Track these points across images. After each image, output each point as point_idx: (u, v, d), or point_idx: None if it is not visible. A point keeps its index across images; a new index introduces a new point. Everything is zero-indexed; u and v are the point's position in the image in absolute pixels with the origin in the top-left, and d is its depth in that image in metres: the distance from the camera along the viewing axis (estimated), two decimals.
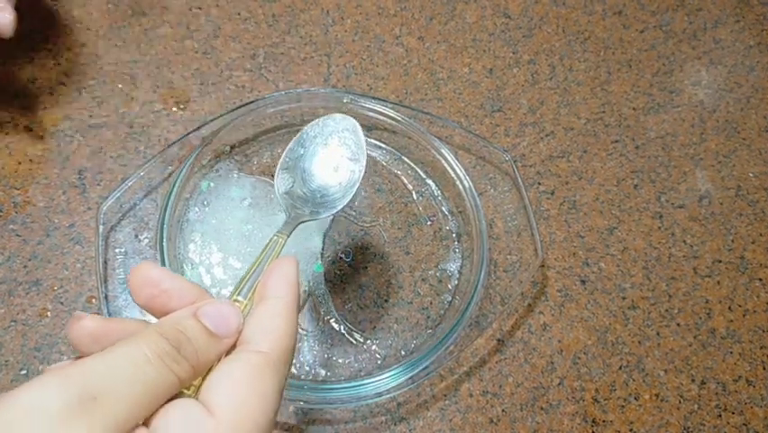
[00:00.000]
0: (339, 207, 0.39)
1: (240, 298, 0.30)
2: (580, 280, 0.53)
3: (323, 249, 0.50)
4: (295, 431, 0.45)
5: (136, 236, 0.49)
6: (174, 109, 0.55)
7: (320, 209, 0.39)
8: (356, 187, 0.39)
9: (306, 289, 0.49)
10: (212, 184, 0.52)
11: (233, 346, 0.27)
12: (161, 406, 0.23)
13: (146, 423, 0.23)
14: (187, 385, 0.25)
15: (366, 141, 0.56)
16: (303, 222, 0.38)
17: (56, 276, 0.47)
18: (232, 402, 0.24)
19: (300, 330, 0.48)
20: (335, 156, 0.40)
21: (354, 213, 0.53)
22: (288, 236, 0.35)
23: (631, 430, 0.47)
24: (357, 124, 0.40)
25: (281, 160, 0.40)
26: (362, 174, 0.39)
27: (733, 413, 0.49)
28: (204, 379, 0.26)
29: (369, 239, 0.52)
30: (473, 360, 0.48)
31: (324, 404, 0.44)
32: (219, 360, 0.26)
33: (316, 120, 0.40)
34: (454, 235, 0.53)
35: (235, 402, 0.24)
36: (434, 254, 0.52)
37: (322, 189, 0.39)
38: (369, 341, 0.48)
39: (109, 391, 0.21)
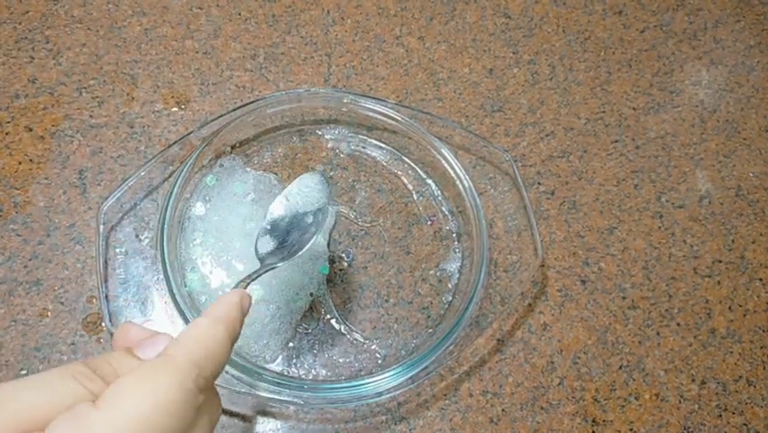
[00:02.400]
0: (304, 250, 0.42)
1: None
2: (580, 279, 0.53)
3: (328, 250, 0.50)
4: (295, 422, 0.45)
5: (137, 236, 0.49)
6: (174, 109, 0.55)
7: (292, 252, 0.42)
8: (324, 224, 0.46)
9: (313, 292, 0.49)
10: (216, 179, 0.52)
11: None
12: None
13: None
14: None
15: (366, 141, 0.57)
16: (272, 268, 0.41)
17: (56, 276, 0.47)
18: (117, 395, 0.24)
19: (302, 331, 0.48)
20: (303, 212, 0.44)
21: (354, 213, 0.53)
22: (252, 280, 0.38)
23: (631, 430, 0.47)
24: (326, 181, 0.45)
25: (263, 225, 0.44)
26: (325, 222, 0.46)
27: (733, 413, 0.49)
28: None
29: (369, 239, 0.52)
30: (473, 360, 0.48)
31: (325, 404, 0.44)
32: None
33: (291, 183, 0.45)
34: (454, 235, 0.53)
35: (120, 395, 0.24)
36: (434, 254, 0.52)
37: (293, 239, 0.43)
38: (369, 341, 0.48)
39: (9, 398, 0.23)
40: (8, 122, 0.53)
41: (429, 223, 0.53)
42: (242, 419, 0.45)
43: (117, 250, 0.49)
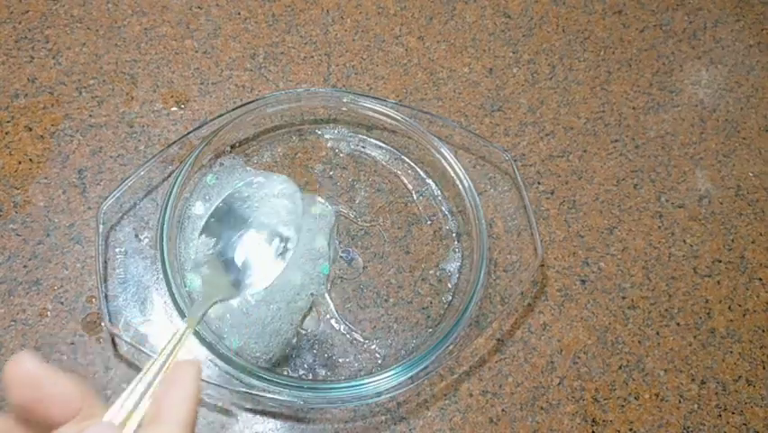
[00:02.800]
0: (262, 287, 0.35)
1: (129, 405, 0.26)
2: (579, 279, 0.53)
3: (329, 250, 0.50)
4: (295, 422, 0.45)
5: (136, 236, 0.49)
6: (174, 109, 0.55)
7: (239, 285, 0.36)
8: (283, 266, 0.35)
9: (313, 292, 0.48)
10: (216, 178, 0.52)
11: None
12: None
13: None
14: None
15: (366, 140, 0.56)
16: (217, 302, 0.36)
17: (56, 276, 0.47)
18: None
19: (302, 331, 0.48)
20: (263, 226, 0.36)
21: (354, 213, 0.53)
22: (199, 322, 0.31)
23: (631, 430, 0.47)
24: (297, 191, 0.36)
25: (205, 219, 0.36)
26: (292, 251, 0.35)
27: (733, 413, 0.49)
28: None
29: (368, 239, 0.52)
30: (473, 360, 0.48)
31: (324, 404, 0.44)
32: None
33: (253, 179, 0.37)
34: (454, 235, 0.53)
35: None
36: (434, 254, 0.52)
37: (243, 264, 0.37)
38: (369, 341, 0.48)
39: None
40: (8, 121, 0.53)
41: (429, 223, 0.53)
42: (243, 419, 0.45)
43: (117, 250, 0.48)
